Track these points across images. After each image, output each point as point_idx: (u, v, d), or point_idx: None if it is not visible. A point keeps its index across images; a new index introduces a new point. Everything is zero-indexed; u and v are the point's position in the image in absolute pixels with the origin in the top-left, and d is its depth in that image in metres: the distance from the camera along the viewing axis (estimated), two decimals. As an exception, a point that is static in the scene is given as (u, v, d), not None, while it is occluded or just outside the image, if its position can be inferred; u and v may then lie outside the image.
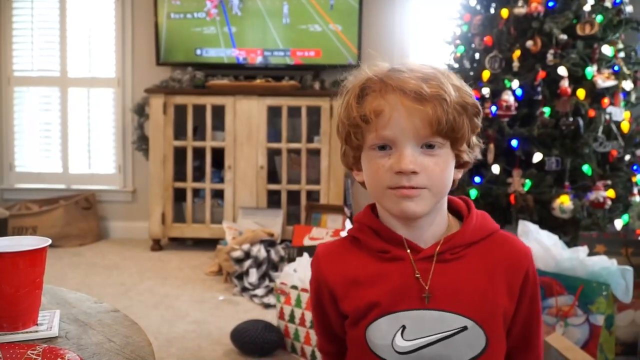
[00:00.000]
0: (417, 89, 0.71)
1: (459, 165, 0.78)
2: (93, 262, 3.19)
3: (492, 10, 2.80)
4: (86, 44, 3.83)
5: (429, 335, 0.74)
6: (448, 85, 0.72)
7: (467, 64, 2.88)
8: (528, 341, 0.80)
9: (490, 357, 0.75)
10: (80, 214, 3.62)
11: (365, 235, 0.79)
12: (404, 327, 0.74)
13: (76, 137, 3.88)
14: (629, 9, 2.71)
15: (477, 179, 2.65)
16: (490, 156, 2.57)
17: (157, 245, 3.46)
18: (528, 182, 2.50)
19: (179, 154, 3.44)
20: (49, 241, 0.88)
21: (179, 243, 3.61)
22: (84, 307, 0.96)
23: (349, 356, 0.83)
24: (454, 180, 0.78)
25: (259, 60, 3.63)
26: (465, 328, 0.74)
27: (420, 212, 0.74)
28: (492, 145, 2.57)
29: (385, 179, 0.73)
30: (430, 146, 0.73)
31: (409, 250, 0.76)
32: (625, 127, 2.56)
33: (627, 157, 2.61)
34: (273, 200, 3.44)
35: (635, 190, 2.54)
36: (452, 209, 0.82)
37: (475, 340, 0.74)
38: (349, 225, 2.61)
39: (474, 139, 0.78)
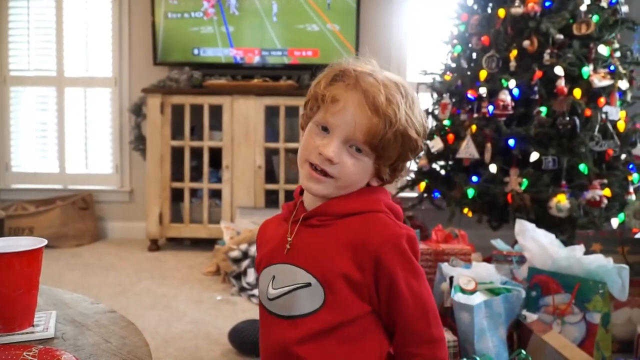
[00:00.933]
0: (376, 99, 0.80)
1: (378, 177, 0.87)
2: (90, 262, 3.19)
3: (489, 10, 2.80)
4: (83, 44, 3.82)
5: (285, 286, 0.86)
6: (402, 114, 0.81)
7: (464, 64, 2.88)
8: (397, 318, 0.85)
9: (325, 315, 0.83)
10: (77, 215, 3.61)
11: (286, 207, 0.93)
12: (274, 277, 0.88)
13: (73, 137, 3.87)
14: (624, 8, 2.72)
15: (474, 178, 2.65)
16: (488, 155, 2.58)
17: (154, 246, 3.46)
18: (525, 181, 2.50)
19: (177, 153, 3.43)
20: (45, 242, 0.88)
21: (177, 243, 3.61)
22: (81, 307, 0.96)
23: None
24: (370, 185, 0.88)
25: (256, 59, 3.63)
26: (309, 284, 0.84)
27: (319, 194, 0.85)
28: (489, 145, 2.58)
29: (309, 152, 0.84)
30: (357, 149, 0.83)
31: (293, 215, 0.89)
32: (621, 126, 2.57)
33: (623, 156, 2.62)
34: (271, 199, 3.44)
35: (631, 189, 2.55)
36: None
37: (315, 296, 0.84)
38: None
39: (401, 165, 0.87)
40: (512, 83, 2.56)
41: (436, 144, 2.77)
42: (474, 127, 2.63)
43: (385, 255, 0.81)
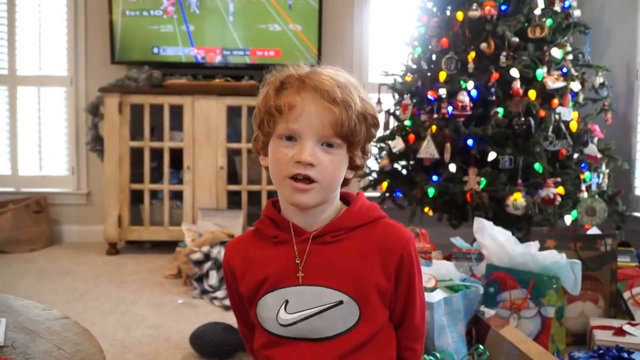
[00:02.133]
0: (330, 91, 0.81)
1: (352, 167, 0.88)
2: (45, 267, 3.08)
3: (448, 13, 2.86)
4: (36, 41, 3.69)
5: (308, 309, 0.83)
6: (355, 96, 0.83)
7: (424, 65, 2.93)
8: (406, 316, 0.90)
9: (362, 329, 0.83)
10: (30, 218, 3.48)
11: (263, 225, 0.90)
12: (287, 301, 0.84)
13: (26, 137, 3.73)
14: (577, 13, 2.82)
15: (434, 178, 2.70)
16: (447, 155, 2.63)
17: (113, 249, 3.37)
18: (483, 180, 2.56)
19: (136, 154, 3.36)
20: (-7, 246, 0.85)
21: (137, 246, 3.53)
22: (32, 314, 0.93)
23: (255, 336, 0.92)
24: (346, 180, 0.89)
25: (218, 59, 3.59)
26: (341, 302, 0.82)
27: (310, 204, 0.83)
28: (448, 145, 2.63)
29: (286, 167, 0.82)
30: (329, 145, 0.83)
31: (293, 234, 0.86)
32: (573, 126, 2.66)
33: (576, 156, 2.71)
34: (233, 201, 3.41)
35: (583, 187, 2.65)
36: (347, 202, 0.91)
37: (349, 313, 0.83)
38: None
39: (368, 146, 0.89)
40: (470, 84, 2.62)
41: (397, 144, 2.81)
42: (434, 128, 2.67)
43: (407, 257, 0.86)
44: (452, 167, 2.63)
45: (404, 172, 2.97)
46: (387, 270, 0.85)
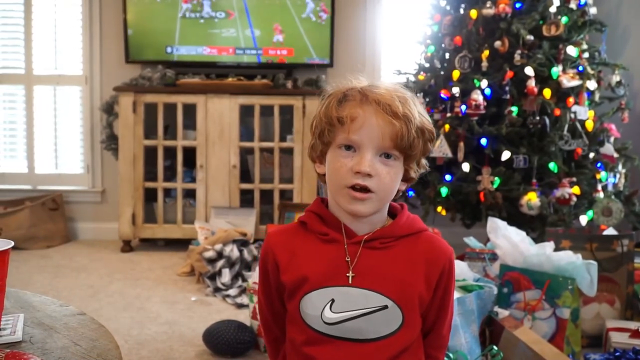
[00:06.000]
0: (392, 104, 0.83)
1: (405, 179, 0.90)
2: (60, 264, 3.12)
3: (462, 11, 2.84)
4: (52, 40, 3.73)
5: (354, 310, 0.84)
6: (415, 110, 0.85)
7: (437, 64, 2.92)
8: (436, 325, 0.92)
9: (403, 335, 0.86)
10: (47, 215, 3.53)
11: (311, 220, 0.90)
12: (333, 300, 0.85)
13: (42, 136, 3.78)
14: (593, 10, 2.79)
15: (447, 177, 2.68)
16: (461, 154, 2.61)
17: (127, 247, 3.40)
18: (497, 180, 2.55)
19: (150, 153, 3.38)
20: (12, 243, 0.86)
21: (150, 244, 3.56)
22: (49, 310, 0.94)
23: (287, 328, 0.92)
24: (398, 191, 0.90)
25: (230, 58, 3.60)
26: (385, 307, 0.84)
27: (366, 213, 0.85)
28: (462, 144, 2.61)
29: (345, 177, 0.84)
30: (387, 156, 0.84)
31: (344, 235, 0.87)
32: (589, 125, 2.63)
33: (592, 155, 2.68)
34: (246, 199, 3.42)
35: (599, 187, 2.62)
36: (392, 213, 0.93)
37: (393, 318, 0.85)
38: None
39: (423, 160, 0.90)
40: (484, 83, 2.60)
41: (410, 143, 2.80)
42: (447, 127, 2.66)
43: (447, 270, 0.89)
44: (466, 167, 2.61)
45: (417, 171, 2.96)
46: (429, 281, 0.87)
